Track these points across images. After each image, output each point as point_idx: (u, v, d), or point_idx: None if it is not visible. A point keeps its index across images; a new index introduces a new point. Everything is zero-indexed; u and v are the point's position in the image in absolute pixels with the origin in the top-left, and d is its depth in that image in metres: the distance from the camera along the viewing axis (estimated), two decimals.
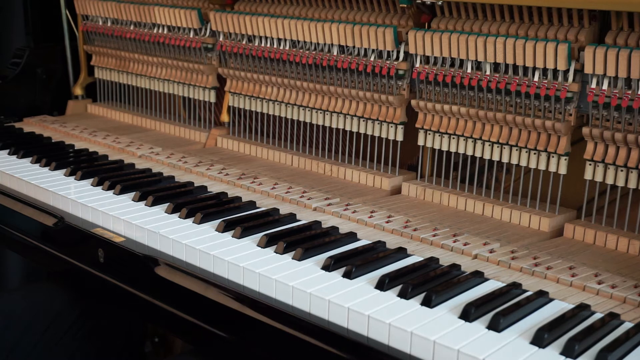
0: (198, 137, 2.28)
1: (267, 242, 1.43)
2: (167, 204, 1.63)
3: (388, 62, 1.77)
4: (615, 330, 1.14)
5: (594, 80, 1.46)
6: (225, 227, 1.51)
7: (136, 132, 2.36)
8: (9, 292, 2.61)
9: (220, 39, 2.13)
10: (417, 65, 1.72)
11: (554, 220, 1.58)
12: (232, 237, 1.48)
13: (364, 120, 1.86)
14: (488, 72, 1.61)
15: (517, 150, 1.62)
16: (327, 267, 1.33)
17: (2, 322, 1.85)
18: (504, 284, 1.29)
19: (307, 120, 1.98)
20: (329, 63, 1.86)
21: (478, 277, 1.30)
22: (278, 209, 1.64)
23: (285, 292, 1.27)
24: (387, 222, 1.57)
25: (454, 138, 1.72)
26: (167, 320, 1.49)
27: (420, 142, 1.78)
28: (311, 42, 1.90)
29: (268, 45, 2.00)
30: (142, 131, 2.39)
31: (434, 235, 1.50)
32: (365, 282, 1.28)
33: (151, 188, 1.75)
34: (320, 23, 1.85)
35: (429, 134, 1.75)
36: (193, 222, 1.55)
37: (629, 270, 1.36)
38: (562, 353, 1.06)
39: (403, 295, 1.22)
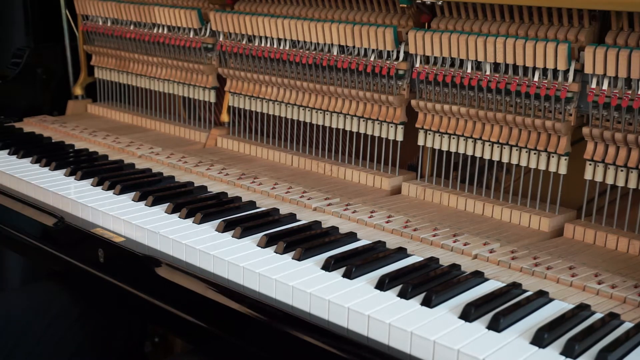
0: (198, 137, 2.28)
1: (267, 242, 1.43)
2: (167, 204, 1.63)
3: (388, 62, 1.77)
4: (615, 330, 1.14)
5: (594, 80, 1.46)
6: (225, 227, 1.51)
7: (136, 132, 2.36)
8: (9, 292, 2.61)
9: (220, 39, 2.13)
10: (417, 65, 1.72)
11: (554, 220, 1.58)
12: (232, 237, 1.48)
13: (364, 120, 1.86)
14: (488, 72, 1.61)
15: (517, 150, 1.62)
16: (327, 267, 1.33)
17: (2, 322, 1.85)
18: (504, 284, 1.29)
19: (307, 120, 1.98)
20: (329, 63, 1.86)
21: (478, 277, 1.30)
22: (278, 209, 1.64)
23: (285, 292, 1.27)
24: (387, 222, 1.57)
25: (454, 138, 1.72)
26: (167, 320, 1.49)
27: (420, 142, 1.78)
28: (311, 42, 1.90)
29: (268, 45, 2.00)
30: (142, 131, 2.39)
31: (434, 235, 1.50)
32: (365, 282, 1.28)
33: (151, 188, 1.75)
34: (320, 23, 1.85)
35: (429, 134, 1.75)
36: (193, 222, 1.55)
37: (629, 270, 1.36)
38: (562, 353, 1.06)
39: (403, 295, 1.22)
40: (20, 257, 2.68)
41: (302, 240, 1.44)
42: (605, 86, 1.45)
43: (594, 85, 1.46)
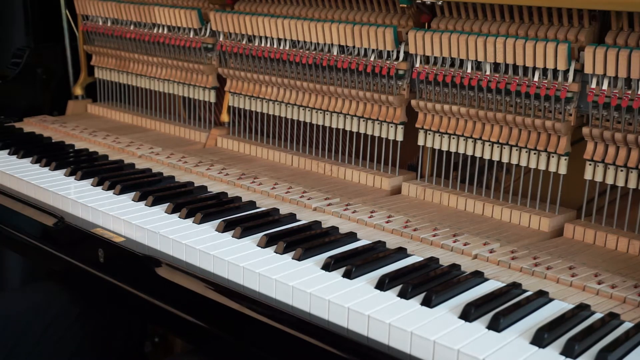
0: (198, 137, 2.28)
1: (267, 242, 1.43)
2: (167, 204, 1.63)
3: (388, 62, 1.77)
4: (615, 330, 1.14)
5: (594, 80, 1.46)
6: (225, 227, 1.51)
7: (136, 132, 2.36)
8: (9, 292, 2.61)
9: (220, 39, 2.13)
10: (417, 65, 1.72)
11: (554, 220, 1.58)
12: (232, 237, 1.48)
13: (364, 120, 1.86)
14: (488, 72, 1.61)
15: (517, 150, 1.62)
16: (327, 267, 1.33)
17: (2, 322, 1.85)
18: (504, 284, 1.29)
19: (307, 120, 1.98)
20: (329, 63, 1.86)
21: (478, 277, 1.30)
22: (278, 209, 1.64)
23: (285, 292, 1.27)
24: (387, 222, 1.57)
25: (454, 138, 1.72)
26: (167, 320, 1.49)
27: (420, 142, 1.78)
28: (311, 42, 1.90)
29: (268, 45, 2.00)
30: (142, 131, 2.39)
31: (434, 235, 1.50)
32: (365, 282, 1.28)
33: (151, 188, 1.75)
34: (320, 23, 1.85)
35: (429, 134, 1.75)
36: (193, 222, 1.55)
37: (629, 270, 1.36)
38: (562, 353, 1.06)
39: (403, 295, 1.22)
40: (20, 257, 2.69)
41: (302, 240, 1.44)
42: (605, 86, 1.45)
43: (593, 85, 1.46)
